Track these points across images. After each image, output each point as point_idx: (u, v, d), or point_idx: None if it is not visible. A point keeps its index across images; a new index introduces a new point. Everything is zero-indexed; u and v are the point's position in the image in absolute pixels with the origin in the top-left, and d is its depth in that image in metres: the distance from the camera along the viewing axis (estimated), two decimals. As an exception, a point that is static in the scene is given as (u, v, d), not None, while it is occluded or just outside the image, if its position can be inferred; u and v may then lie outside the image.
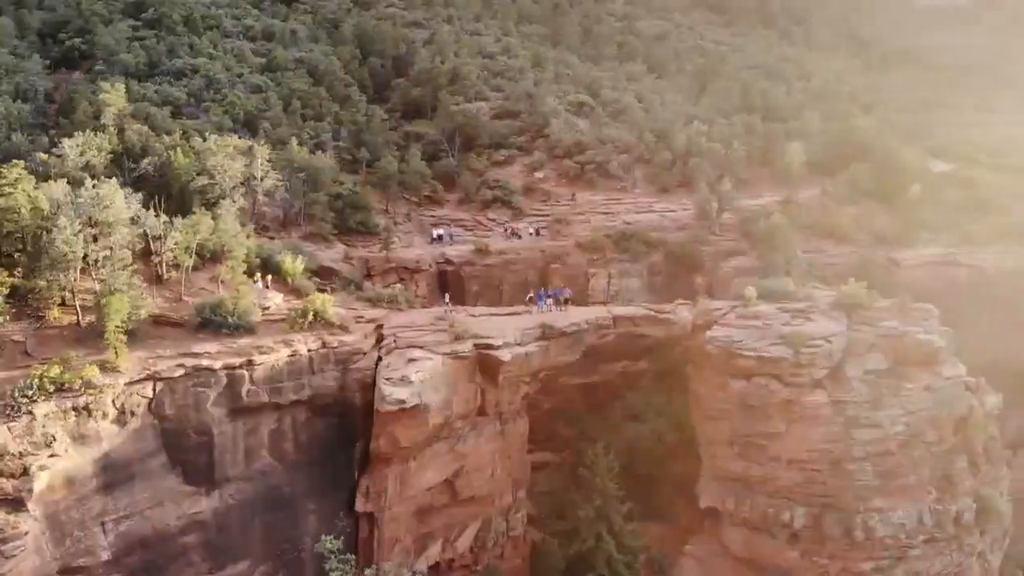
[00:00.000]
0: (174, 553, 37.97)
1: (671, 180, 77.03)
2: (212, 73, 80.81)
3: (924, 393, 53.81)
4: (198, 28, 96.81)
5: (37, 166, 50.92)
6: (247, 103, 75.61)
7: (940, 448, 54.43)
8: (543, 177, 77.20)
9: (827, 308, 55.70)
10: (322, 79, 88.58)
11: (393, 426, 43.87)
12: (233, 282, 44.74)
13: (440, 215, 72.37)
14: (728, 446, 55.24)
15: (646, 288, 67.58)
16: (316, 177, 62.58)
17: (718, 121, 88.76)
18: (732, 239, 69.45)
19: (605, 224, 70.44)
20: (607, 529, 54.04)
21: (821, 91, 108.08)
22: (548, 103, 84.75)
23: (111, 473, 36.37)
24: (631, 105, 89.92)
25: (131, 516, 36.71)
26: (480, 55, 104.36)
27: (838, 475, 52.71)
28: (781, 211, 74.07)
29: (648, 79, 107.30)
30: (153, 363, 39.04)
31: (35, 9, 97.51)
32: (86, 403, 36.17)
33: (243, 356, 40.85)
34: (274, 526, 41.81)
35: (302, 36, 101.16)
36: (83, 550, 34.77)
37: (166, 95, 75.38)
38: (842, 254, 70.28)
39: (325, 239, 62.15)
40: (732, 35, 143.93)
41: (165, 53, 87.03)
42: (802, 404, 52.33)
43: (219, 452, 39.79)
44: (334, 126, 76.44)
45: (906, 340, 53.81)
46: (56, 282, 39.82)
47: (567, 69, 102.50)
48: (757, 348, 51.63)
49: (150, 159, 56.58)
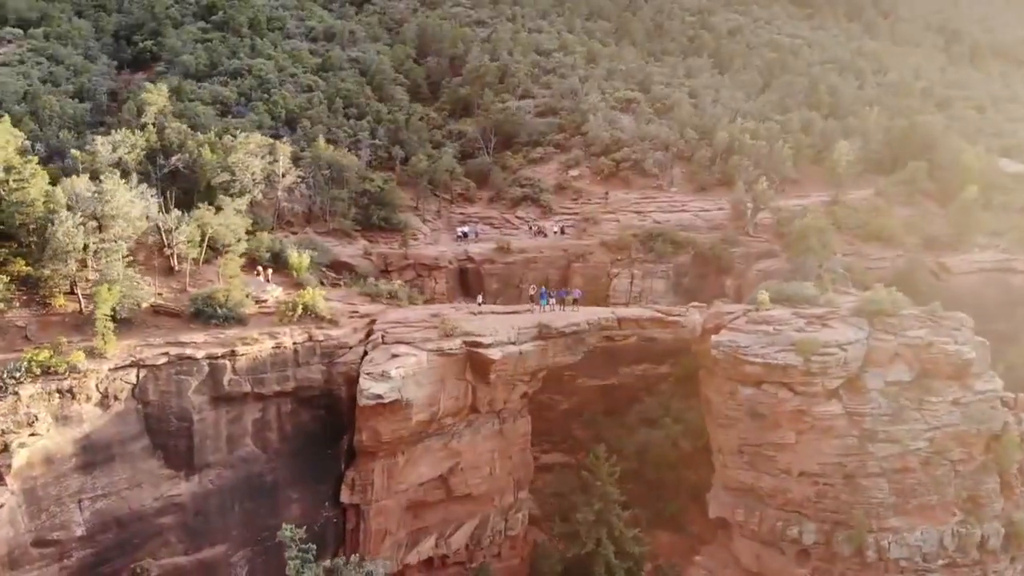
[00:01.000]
0: (150, 533, 39.58)
1: (710, 178, 74.79)
2: (263, 73, 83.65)
3: (951, 407, 50.70)
4: (262, 30, 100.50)
5: (70, 163, 54.24)
6: (290, 102, 77.90)
7: (968, 467, 51.16)
8: (578, 175, 76.34)
9: (847, 314, 52.91)
10: (372, 78, 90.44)
11: (375, 420, 44.40)
12: (225, 274, 46.17)
13: (470, 213, 72.67)
14: (738, 455, 53.42)
15: (672, 290, 65.90)
16: (340, 174, 63.85)
17: (772, 117, 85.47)
18: (766, 241, 66.89)
19: (635, 223, 69.06)
20: (607, 534, 52.99)
21: (895, 86, 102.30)
22: (589, 100, 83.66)
23: (91, 453, 38.21)
24: (680, 101, 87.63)
25: (108, 495, 38.49)
26: (536, 52, 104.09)
27: (851, 491, 50.28)
28: (825, 211, 70.94)
29: (708, 74, 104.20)
30: (140, 350, 40.77)
31: (115, 12, 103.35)
32: (70, 386, 38.07)
33: (227, 346, 42.13)
34: (255, 513, 42.98)
35: (360, 36, 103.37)
36: (58, 524, 36.73)
37: (217, 94, 78.59)
38: (887, 258, 66.60)
39: (347, 235, 63.43)
40: (812, 28, 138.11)
41: (226, 54, 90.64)
42: (813, 414, 50.08)
43: (199, 438, 41.20)
44: (372, 124, 77.58)
45: (933, 350, 50.68)
46: (58, 272, 42.04)
47: (622, 65, 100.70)
48: (764, 354, 49.63)
49: (180, 156, 59.03)
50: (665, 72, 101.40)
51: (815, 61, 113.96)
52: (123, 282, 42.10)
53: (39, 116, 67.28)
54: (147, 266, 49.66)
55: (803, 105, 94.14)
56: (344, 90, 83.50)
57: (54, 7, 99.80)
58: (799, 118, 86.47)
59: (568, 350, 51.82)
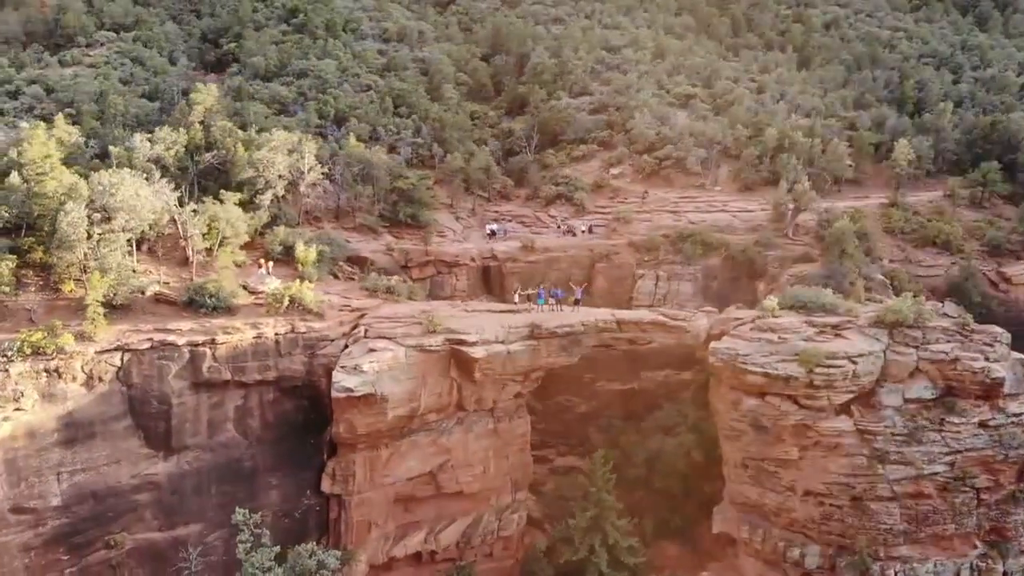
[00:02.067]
0: (125, 508, 41.70)
1: (757, 178, 71.36)
2: (323, 73, 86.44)
3: (977, 430, 46.54)
4: (337, 31, 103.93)
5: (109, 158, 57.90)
6: (342, 101, 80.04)
7: (994, 495, 46.68)
8: (619, 173, 74.69)
9: (865, 324, 49.27)
10: (432, 78, 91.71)
11: (350, 413, 45.04)
12: (218, 265, 48.05)
13: (504, 211, 72.48)
14: (742, 469, 50.94)
15: (700, 293, 63.41)
16: (369, 171, 65.12)
17: (838, 113, 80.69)
18: (805, 244, 63.16)
19: (668, 223, 66.91)
20: (601, 541, 51.62)
21: (990, 81, 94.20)
22: (639, 96, 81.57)
23: (73, 430, 40.65)
24: (741, 96, 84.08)
25: (87, 470, 40.86)
26: (604, 49, 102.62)
27: (859, 514, 46.98)
28: (881, 214, 66.52)
29: (785, 69, 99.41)
30: (127, 335, 43.10)
31: (207, 16, 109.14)
32: (56, 366, 40.74)
33: (209, 335, 43.88)
34: (232, 496, 44.29)
35: (429, 37, 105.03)
36: (35, 494, 39.33)
37: (275, 94, 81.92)
38: (940, 265, 61.72)
39: (373, 231, 64.55)
40: (916, 21, 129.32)
41: (297, 55, 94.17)
42: (819, 430, 47.02)
43: (177, 421, 43.07)
44: (417, 122, 78.60)
45: (958, 367, 46.50)
46: (63, 259, 44.99)
47: (690, 60, 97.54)
48: (765, 364, 46.87)
49: (214, 153, 61.84)
50: (737, 67, 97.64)
51: (911, 55, 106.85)
52: (118, 271, 44.57)
53: (105, 115, 72.18)
54: (167, 257, 52.73)
55: (884, 101, 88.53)
56: (397, 89, 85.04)
57: (149, 12, 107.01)
58: (871, 115, 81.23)
59: (563, 351, 50.83)
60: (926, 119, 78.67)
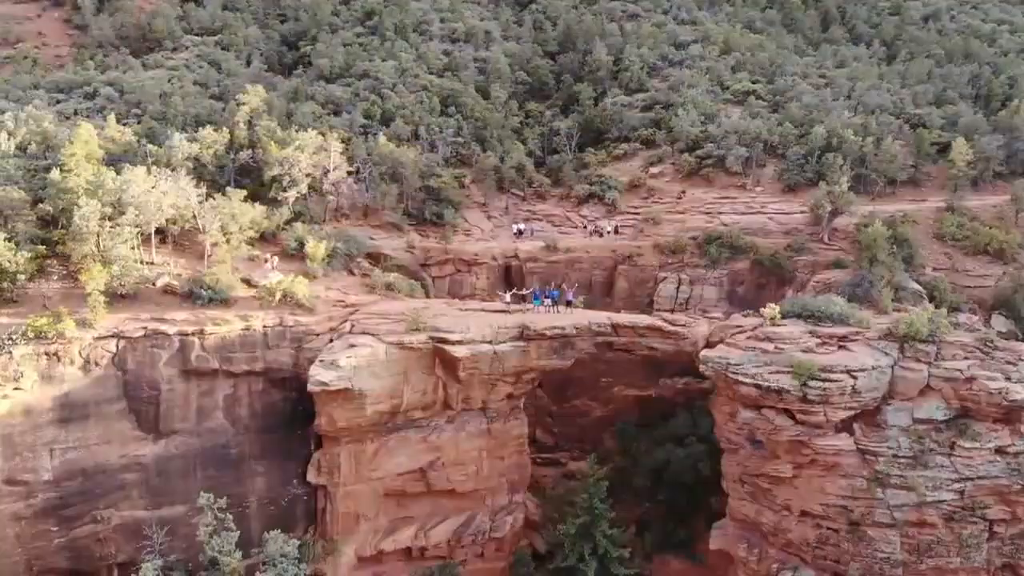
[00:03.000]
0: (113, 486, 43.99)
1: (802, 178, 67.54)
2: (379, 74, 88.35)
3: (993, 457, 42.53)
4: (406, 33, 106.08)
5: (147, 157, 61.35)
6: (388, 102, 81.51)
7: (1010, 529, 42.56)
8: (659, 172, 72.47)
9: (875, 336, 45.86)
10: (488, 76, 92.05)
11: (330, 406, 45.91)
12: (216, 259, 50.02)
13: (537, 210, 71.85)
14: (739, 484, 48.63)
15: (725, 298, 60.86)
16: (397, 169, 66.08)
17: (907, 110, 75.28)
18: (839, 249, 59.39)
19: (700, 225, 64.42)
20: (591, 550, 50.44)
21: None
22: (686, 93, 78.80)
23: (68, 410, 43.23)
24: (802, 92, 79.82)
25: (79, 448, 43.41)
26: (673, 45, 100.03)
27: (856, 540, 43.92)
28: (934, 219, 61.75)
29: (864, 64, 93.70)
30: (125, 323, 45.60)
31: (292, 20, 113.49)
32: (56, 350, 43.61)
33: (199, 325, 45.81)
34: (218, 481, 45.96)
35: (496, 37, 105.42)
36: (28, 468, 42.10)
37: (330, 95, 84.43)
38: (991, 275, 56.67)
39: (399, 228, 65.48)
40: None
41: (364, 57, 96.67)
42: (815, 447, 44.24)
43: (165, 406, 45.11)
44: (460, 121, 79.01)
45: (975, 386, 42.69)
46: (77, 250, 48.08)
47: (758, 55, 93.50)
48: (756, 374, 44.49)
49: (248, 152, 64.39)
50: (808, 62, 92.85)
51: (1011, 49, 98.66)
52: (123, 262, 47.19)
53: (166, 115, 76.51)
54: (191, 250, 55.34)
55: (967, 98, 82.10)
56: (448, 89, 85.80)
57: (236, 17, 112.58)
58: (946, 111, 75.35)
59: (554, 353, 49.94)
60: (1001, 117, 72.13)
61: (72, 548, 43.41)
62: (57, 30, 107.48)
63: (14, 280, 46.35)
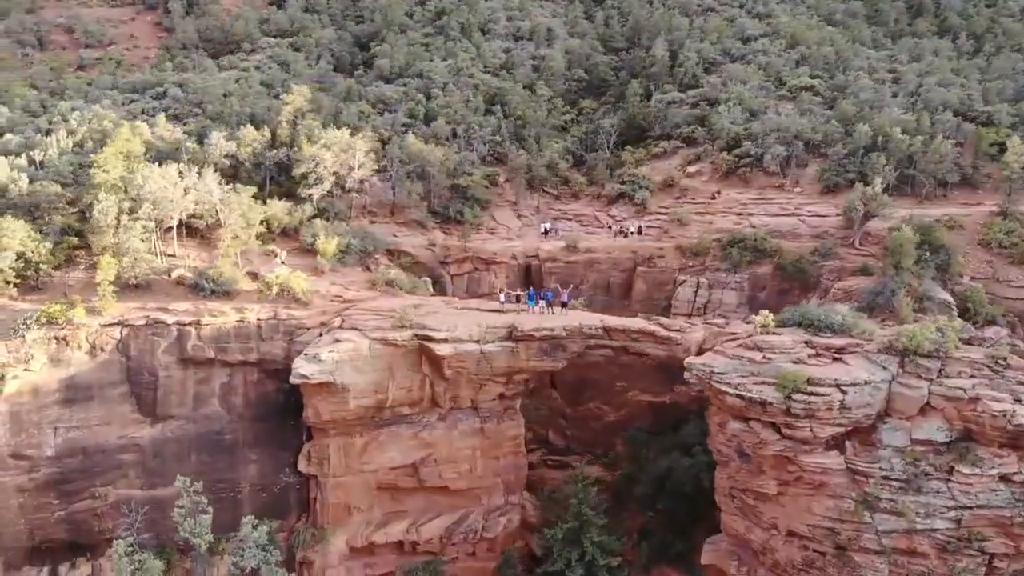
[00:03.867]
0: (110, 465, 46.63)
1: (842, 179, 63.62)
2: (431, 74, 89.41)
3: (996, 485, 38.99)
4: (471, 32, 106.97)
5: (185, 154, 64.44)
6: (434, 101, 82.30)
7: (1012, 565, 38.98)
8: (696, 171, 70.03)
9: (875, 349, 42.75)
10: (542, 74, 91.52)
11: (315, 399, 47.01)
12: (222, 253, 51.99)
13: (569, 209, 70.87)
14: (730, 498, 46.49)
15: (746, 303, 58.14)
16: (424, 168, 66.71)
17: (975, 109, 69.65)
18: (869, 255, 55.69)
19: (729, 226, 61.87)
20: (578, 556, 49.48)
21: None
22: (735, 89, 75.64)
23: (73, 391, 46.17)
24: (863, 88, 75.20)
25: (80, 428, 46.23)
26: (740, 39, 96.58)
27: (842, 565, 41.29)
28: (984, 224, 57.07)
29: (944, 58, 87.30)
30: (131, 312, 48.22)
31: (368, 22, 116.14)
32: (64, 335, 46.64)
33: (196, 316, 47.86)
34: (212, 465, 48.09)
35: (559, 34, 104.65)
36: (33, 444, 45.21)
37: (380, 94, 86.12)
38: (1037, 286, 51.72)
39: (423, 226, 66.14)
40: None
41: (425, 57, 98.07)
42: (801, 464, 41.78)
43: (163, 392, 47.46)
44: (500, 120, 78.85)
45: (978, 407, 39.24)
46: (97, 242, 51.12)
47: (823, 48, 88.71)
48: (739, 384, 42.33)
49: (280, 150, 66.53)
50: (882, 56, 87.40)
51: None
52: (134, 254, 49.86)
53: (222, 114, 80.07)
54: (216, 243, 57.87)
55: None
56: (496, 87, 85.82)
57: (314, 19, 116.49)
58: (1019, 109, 69.30)
59: (545, 355, 49.14)
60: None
61: (71, 521, 46.33)
62: (148, 33, 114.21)
63: (38, 269, 49.82)
